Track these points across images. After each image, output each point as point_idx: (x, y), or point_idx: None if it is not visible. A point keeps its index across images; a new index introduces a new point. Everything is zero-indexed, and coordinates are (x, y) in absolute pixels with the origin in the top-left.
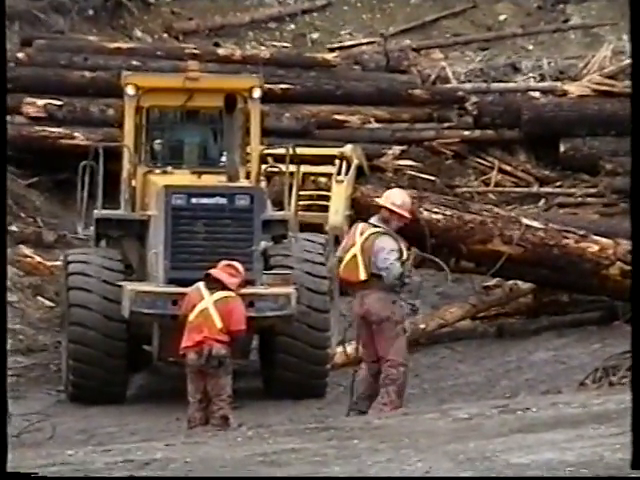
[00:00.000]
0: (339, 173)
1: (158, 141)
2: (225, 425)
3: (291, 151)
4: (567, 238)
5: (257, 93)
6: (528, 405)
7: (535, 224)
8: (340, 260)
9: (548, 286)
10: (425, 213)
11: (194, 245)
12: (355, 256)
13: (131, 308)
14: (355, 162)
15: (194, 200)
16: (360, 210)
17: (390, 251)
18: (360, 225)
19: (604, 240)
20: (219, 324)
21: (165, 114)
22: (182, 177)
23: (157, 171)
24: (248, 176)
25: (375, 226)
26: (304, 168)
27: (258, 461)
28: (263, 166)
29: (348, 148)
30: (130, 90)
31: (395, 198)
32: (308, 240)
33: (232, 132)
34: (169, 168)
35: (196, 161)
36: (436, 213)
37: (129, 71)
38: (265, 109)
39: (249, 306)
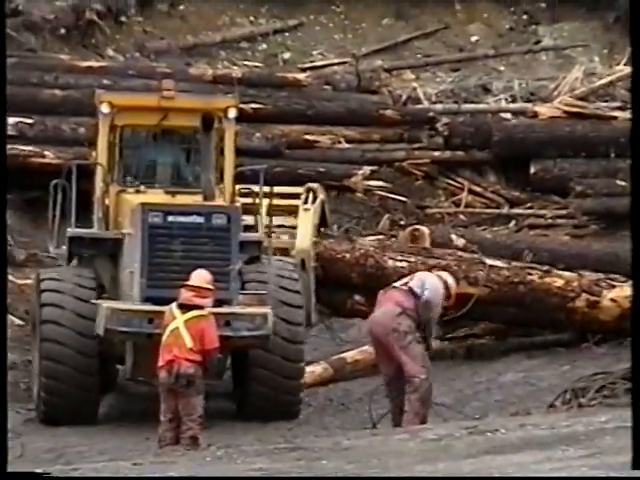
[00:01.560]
0: (306, 202)
1: (131, 160)
2: (194, 445)
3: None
4: (531, 274)
5: (232, 113)
6: (497, 426)
7: (498, 263)
8: None
9: (517, 325)
10: (390, 262)
11: (171, 264)
12: None
13: (106, 326)
14: (321, 197)
15: (171, 218)
16: (324, 263)
17: None
18: None
19: (567, 274)
20: (189, 343)
21: (139, 133)
22: (156, 196)
23: (130, 190)
24: (222, 195)
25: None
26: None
27: None
28: (237, 186)
29: (316, 184)
30: (104, 108)
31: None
32: (280, 261)
33: (208, 152)
34: (142, 187)
35: (169, 181)
36: (400, 261)
37: (101, 90)
38: (237, 128)
39: (225, 325)
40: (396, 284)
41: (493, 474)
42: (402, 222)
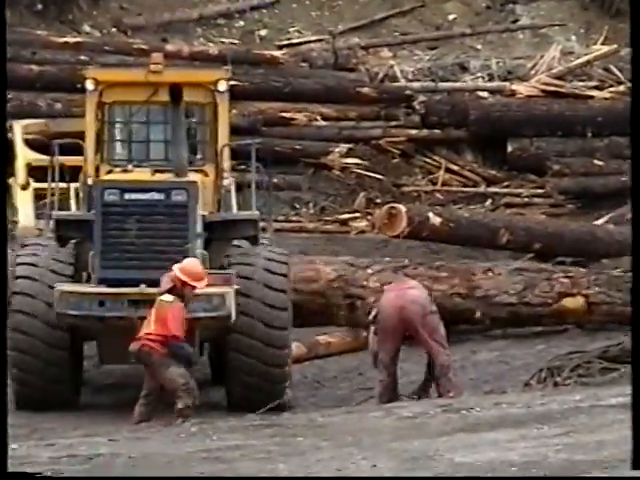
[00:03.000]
0: None
1: (121, 139)
2: (185, 416)
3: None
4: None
5: (223, 86)
6: (472, 405)
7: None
8: None
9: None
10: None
11: (125, 243)
12: None
13: (57, 309)
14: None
15: (127, 196)
16: None
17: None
18: None
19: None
20: (152, 326)
21: (129, 110)
22: (135, 175)
23: (117, 170)
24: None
25: None
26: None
27: (202, 457)
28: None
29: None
30: (90, 85)
31: None
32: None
33: (179, 125)
34: (129, 166)
35: (162, 159)
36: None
37: (82, 66)
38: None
39: None
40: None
41: (468, 452)
42: (378, 200)
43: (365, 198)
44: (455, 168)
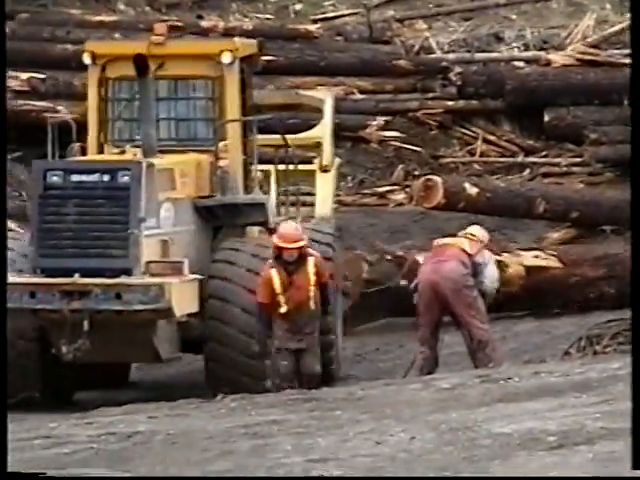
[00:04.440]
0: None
1: (122, 116)
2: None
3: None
4: None
5: (227, 58)
6: (510, 375)
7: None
8: None
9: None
10: None
11: (63, 229)
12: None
13: None
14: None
15: (74, 178)
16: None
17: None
18: None
19: None
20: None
21: (132, 86)
22: (94, 157)
23: (115, 150)
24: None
25: None
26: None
27: (241, 433)
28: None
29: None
30: (87, 58)
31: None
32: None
33: (147, 100)
34: (127, 146)
35: (168, 138)
36: None
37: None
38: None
39: (116, 298)
40: (450, 240)
41: (507, 422)
42: (416, 172)
43: (403, 171)
44: (492, 139)
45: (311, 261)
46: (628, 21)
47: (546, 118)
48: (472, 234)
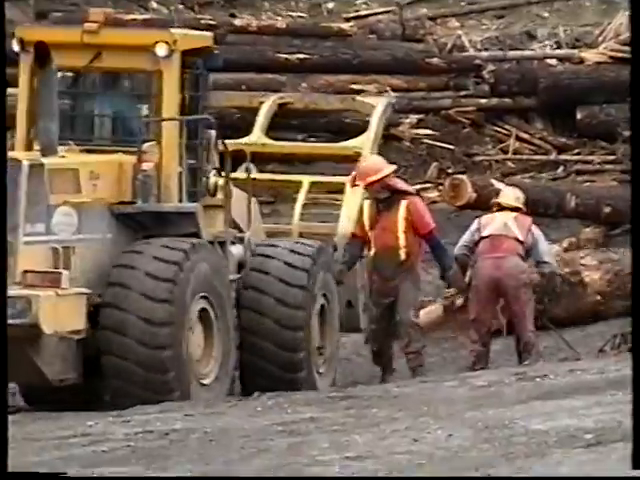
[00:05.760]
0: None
1: (64, 114)
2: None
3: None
4: None
5: (162, 50)
6: (546, 372)
7: None
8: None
9: None
10: None
11: None
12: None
13: None
14: None
15: None
16: None
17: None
18: None
19: None
20: None
21: (70, 78)
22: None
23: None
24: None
25: None
26: (312, 178)
27: (277, 431)
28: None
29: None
30: (15, 45)
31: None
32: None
33: (48, 94)
34: (60, 147)
35: (108, 137)
36: None
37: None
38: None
39: None
40: (502, 227)
41: (543, 420)
42: (450, 170)
43: (437, 168)
44: (525, 136)
45: (403, 204)
46: None
47: (579, 116)
48: (516, 206)
